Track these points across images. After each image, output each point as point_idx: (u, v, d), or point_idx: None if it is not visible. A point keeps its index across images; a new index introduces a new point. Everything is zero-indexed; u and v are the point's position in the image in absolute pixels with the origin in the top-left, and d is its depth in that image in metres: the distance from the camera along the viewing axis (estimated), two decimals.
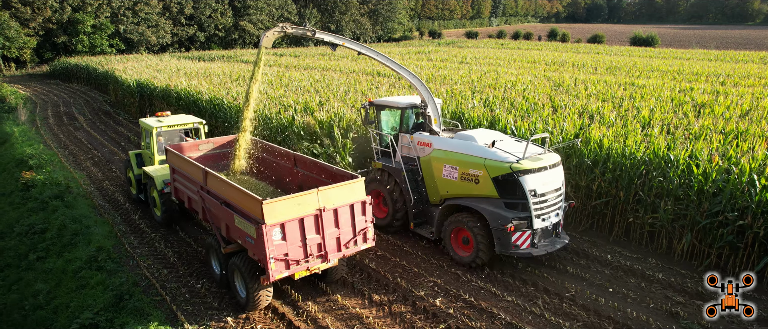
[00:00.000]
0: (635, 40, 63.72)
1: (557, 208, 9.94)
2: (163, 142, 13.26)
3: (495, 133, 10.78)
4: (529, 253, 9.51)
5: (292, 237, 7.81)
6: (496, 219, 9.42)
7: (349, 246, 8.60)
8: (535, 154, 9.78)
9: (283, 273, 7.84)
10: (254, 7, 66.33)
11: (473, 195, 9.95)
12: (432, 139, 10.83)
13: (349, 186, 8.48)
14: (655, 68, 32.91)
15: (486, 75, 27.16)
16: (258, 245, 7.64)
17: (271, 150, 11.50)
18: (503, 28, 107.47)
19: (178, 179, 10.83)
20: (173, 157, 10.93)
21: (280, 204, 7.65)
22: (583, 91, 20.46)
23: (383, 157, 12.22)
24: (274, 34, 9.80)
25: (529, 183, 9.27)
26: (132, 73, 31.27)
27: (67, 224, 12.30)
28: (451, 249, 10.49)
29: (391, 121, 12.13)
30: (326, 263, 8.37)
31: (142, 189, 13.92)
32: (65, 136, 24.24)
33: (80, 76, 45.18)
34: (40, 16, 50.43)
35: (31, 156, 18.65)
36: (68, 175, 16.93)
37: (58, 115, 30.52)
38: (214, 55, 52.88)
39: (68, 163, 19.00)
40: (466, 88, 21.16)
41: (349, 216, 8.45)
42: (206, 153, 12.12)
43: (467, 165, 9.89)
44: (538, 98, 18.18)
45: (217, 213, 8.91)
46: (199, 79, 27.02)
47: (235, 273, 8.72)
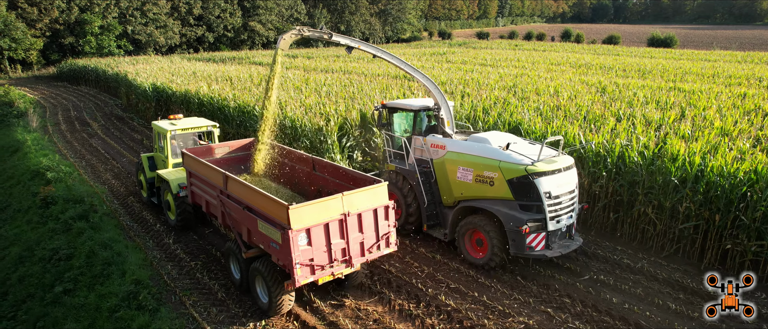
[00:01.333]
0: (653, 41, 62.29)
1: (571, 210, 9.97)
2: (177, 145, 13.22)
3: (508, 136, 10.79)
4: (543, 255, 9.55)
5: (318, 242, 7.81)
6: (511, 220, 9.46)
7: (373, 250, 8.61)
8: (549, 157, 9.79)
9: (309, 278, 7.80)
10: (264, 7, 65.07)
11: (488, 197, 9.97)
12: (445, 142, 10.83)
13: (373, 191, 8.50)
14: (687, 70, 31.62)
15: (519, 79, 25.88)
16: (283, 250, 7.58)
17: (289, 153, 11.47)
18: (514, 28, 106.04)
19: (196, 183, 10.71)
20: (190, 161, 10.80)
21: (305, 209, 7.62)
22: (633, 97, 19.18)
23: (396, 159, 12.21)
24: (291, 37, 9.82)
25: (544, 185, 9.31)
26: (145, 76, 30.03)
27: (96, 250, 11.05)
28: (465, 251, 10.54)
29: (403, 124, 12.23)
30: (350, 268, 8.37)
31: (154, 193, 13.81)
32: (80, 144, 23.00)
33: (89, 78, 43.96)
34: (46, 17, 49.22)
35: (47, 168, 17.41)
36: (89, 190, 15.67)
37: (69, 120, 29.30)
38: (224, 56, 51.62)
39: (87, 175, 17.76)
40: (507, 95, 19.90)
41: (372, 221, 8.48)
42: (222, 156, 12.05)
43: (482, 168, 9.91)
44: (588, 105, 16.93)
45: (238, 218, 8.84)
46: (221, 83, 25.75)
47: (257, 278, 8.64)
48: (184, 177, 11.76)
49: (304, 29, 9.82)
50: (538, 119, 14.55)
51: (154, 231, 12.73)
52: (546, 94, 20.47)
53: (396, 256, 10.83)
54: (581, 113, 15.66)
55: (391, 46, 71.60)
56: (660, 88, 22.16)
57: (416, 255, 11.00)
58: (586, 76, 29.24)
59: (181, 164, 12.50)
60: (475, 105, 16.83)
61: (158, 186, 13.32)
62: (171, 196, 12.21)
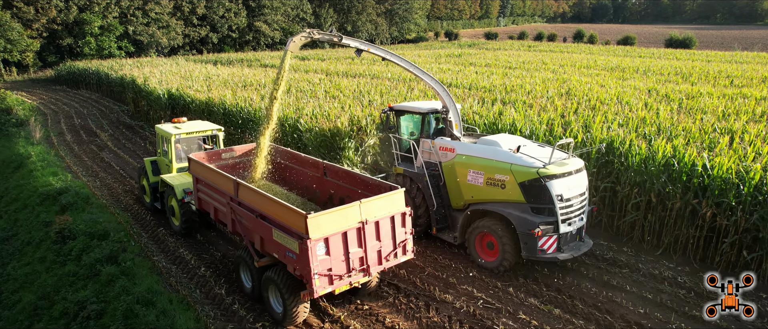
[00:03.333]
0: (671, 42, 60.55)
1: (582, 213, 9.96)
2: (182, 149, 13.00)
3: (518, 138, 10.71)
4: (554, 258, 9.54)
5: (336, 251, 7.67)
6: (523, 224, 9.44)
7: (390, 258, 8.49)
8: (560, 160, 9.75)
9: (327, 288, 7.64)
10: (269, 6, 62.68)
11: (499, 200, 9.93)
12: (455, 145, 10.77)
13: (390, 198, 8.37)
14: (728, 74, 29.81)
15: (562, 85, 23.88)
16: (301, 260, 7.40)
17: (298, 158, 11.31)
18: (523, 28, 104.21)
19: (203, 189, 10.45)
20: (197, 167, 10.61)
21: (324, 217, 7.47)
22: (710, 107, 17.22)
23: (403, 162, 12.07)
24: (301, 40, 9.76)
25: (556, 188, 9.28)
26: (156, 81, 27.78)
27: (136, 310, 8.87)
28: (476, 255, 10.50)
29: (411, 126, 12.17)
30: (368, 277, 8.26)
31: (157, 198, 13.62)
32: (90, 159, 20.72)
33: (89, 82, 41.52)
34: (44, 17, 46.66)
35: (59, 191, 15.17)
36: (112, 220, 13.46)
37: (73, 129, 26.98)
38: (231, 57, 49.26)
39: (105, 198, 15.51)
40: (569, 104, 17.90)
41: (390, 228, 8.34)
42: (229, 161, 11.79)
43: (493, 171, 9.86)
44: (670, 118, 14.93)
45: (250, 226, 8.65)
46: (246, 90, 23.48)
47: (271, 287, 8.49)
48: (189, 182, 11.57)
49: (314, 32, 9.79)
50: (663, 142, 12.04)
51: (198, 276, 10.55)
52: (611, 103, 18.48)
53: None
54: (673, 129, 13.67)
55: (398, 47, 69.51)
56: (723, 95, 20.23)
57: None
58: (629, 80, 27.30)
59: (185, 169, 12.30)
60: (550, 118, 14.78)
61: (162, 192, 13.12)
62: (176, 202, 11.98)
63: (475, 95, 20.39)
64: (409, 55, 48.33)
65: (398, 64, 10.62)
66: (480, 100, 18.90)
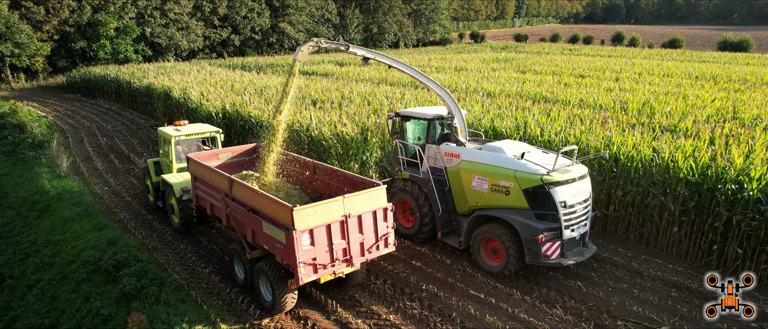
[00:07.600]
0: (725, 45, 56.60)
1: (585, 218, 9.99)
2: (182, 150, 13.41)
3: (523, 145, 10.69)
4: (558, 263, 9.55)
5: (320, 242, 8.16)
6: (527, 230, 9.49)
7: (372, 250, 8.93)
8: (563, 166, 9.78)
9: (311, 276, 8.17)
10: (294, 6, 58.51)
11: (503, 206, 9.98)
12: (460, 151, 10.85)
13: (372, 194, 8.81)
14: None
15: (662, 97, 19.88)
16: (287, 250, 7.96)
17: (290, 158, 11.68)
18: (557, 29, 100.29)
19: (200, 187, 11.06)
20: (195, 166, 11.18)
21: (309, 210, 7.96)
22: None
23: (409, 167, 12.22)
24: (309, 49, 9.92)
25: (560, 194, 9.32)
26: (195, 93, 23.68)
27: None
28: (481, 259, 10.57)
29: (417, 132, 12.25)
30: (351, 267, 8.71)
31: (159, 197, 14.17)
32: (134, 199, 16.43)
33: (107, 90, 37.36)
34: (55, 18, 42.39)
35: (117, 264, 10.89)
36: (203, 316, 9.27)
37: (100, 151, 22.80)
38: (259, 62, 45.16)
39: (175, 271, 11.26)
40: (736, 130, 13.90)
41: (372, 222, 8.79)
42: (225, 161, 12.25)
43: (497, 177, 9.91)
44: None
45: (243, 220, 9.24)
46: (316, 108, 19.26)
47: (261, 277, 9.08)
48: (187, 181, 12.13)
49: (321, 41, 9.93)
50: None
51: None
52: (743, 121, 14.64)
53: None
54: None
55: (430, 50, 65.48)
56: None
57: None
58: (741, 92, 23.30)
59: (185, 169, 12.68)
60: (694, 146, 11.33)
61: (163, 191, 13.67)
62: (175, 200, 12.54)
63: (619, 118, 16.30)
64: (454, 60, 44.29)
65: (404, 71, 10.64)
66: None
